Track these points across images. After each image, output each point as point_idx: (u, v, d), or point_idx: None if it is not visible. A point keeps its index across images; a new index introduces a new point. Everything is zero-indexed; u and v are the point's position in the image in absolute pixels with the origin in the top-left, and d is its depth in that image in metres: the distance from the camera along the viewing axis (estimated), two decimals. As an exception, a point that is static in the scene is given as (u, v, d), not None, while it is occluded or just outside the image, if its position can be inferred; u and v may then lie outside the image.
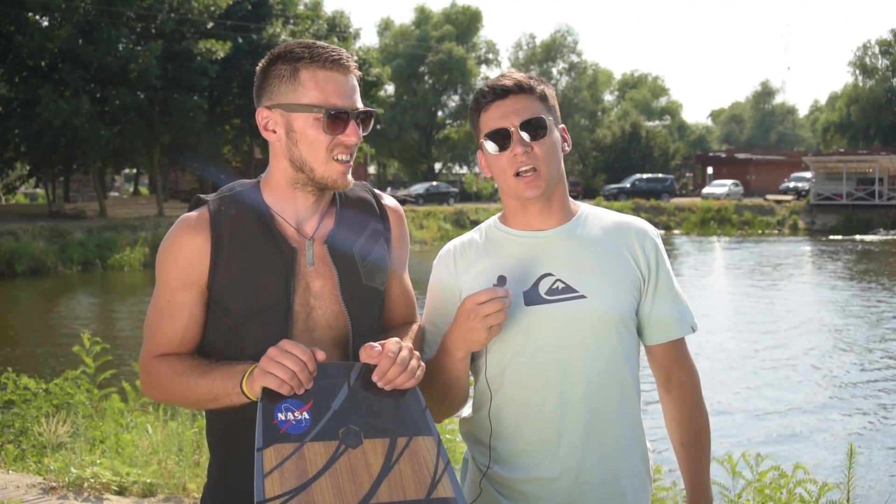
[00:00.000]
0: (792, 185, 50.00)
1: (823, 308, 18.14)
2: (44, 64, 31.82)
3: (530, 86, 1.93)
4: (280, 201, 1.88)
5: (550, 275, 1.93)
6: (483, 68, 62.65)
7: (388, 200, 2.02)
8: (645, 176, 51.26)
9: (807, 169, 48.93)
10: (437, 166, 63.62)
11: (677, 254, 31.30)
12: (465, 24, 61.62)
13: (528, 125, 1.90)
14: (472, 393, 2.02)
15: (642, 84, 79.02)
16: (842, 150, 55.97)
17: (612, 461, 1.94)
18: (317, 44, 1.82)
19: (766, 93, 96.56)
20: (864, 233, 39.28)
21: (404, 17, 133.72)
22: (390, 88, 56.46)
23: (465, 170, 64.49)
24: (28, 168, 37.09)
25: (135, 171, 50.12)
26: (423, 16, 61.50)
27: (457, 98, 60.56)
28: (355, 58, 1.89)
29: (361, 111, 1.84)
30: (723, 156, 64.11)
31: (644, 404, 2.07)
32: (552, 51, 67.91)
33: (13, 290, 22.66)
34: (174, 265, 1.83)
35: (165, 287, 1.85)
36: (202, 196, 1.90)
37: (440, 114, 61.35)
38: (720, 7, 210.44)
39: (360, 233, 1.92)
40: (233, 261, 1.82)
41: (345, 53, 1.82)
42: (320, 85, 1.79)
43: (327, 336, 1.85)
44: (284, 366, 1.64)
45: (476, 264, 1.99)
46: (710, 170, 60.48)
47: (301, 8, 42.66)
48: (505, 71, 2.11)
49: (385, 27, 63.14)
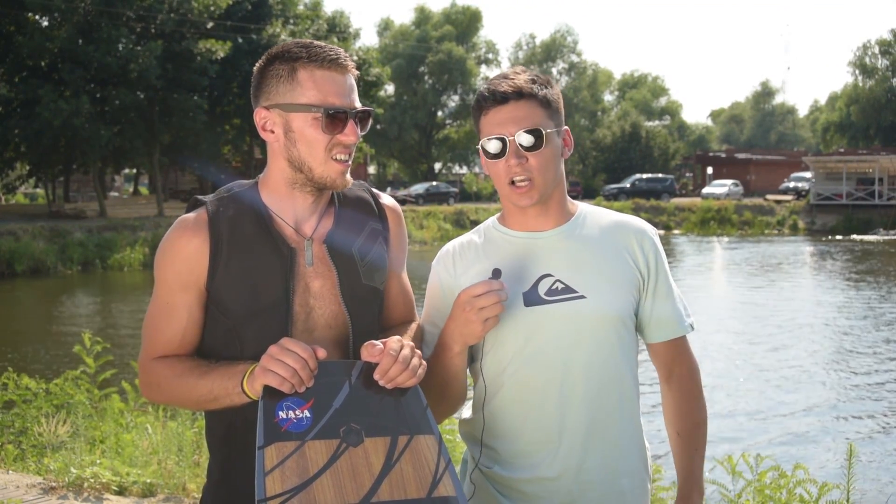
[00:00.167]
0: (792, 185, 50.01)
1: (823, 308, 18.12)
2: (44, 64, 31.82)
3: (531, 91, 1.90)
4: (278, 201, 1.87)
5: (550, 275, 1.93)
6: (483, 68, 62.64)
7: (386, 200, 2.02)
8: (645, 176, 51.24)
9: (807, 169, 48.92)
10: (437, 166, 63.60)
11: (677, 254, 31.28)
12: (465, 24, 61.59)
13: (525, 136, 1.89)
14: (471, 394, 2.03)
15: (642, 84, 78.95)
16: (842, 150, 55.95)
17: (611, 460, 1.95)
18: (314, 43, 1.82)
19: (766, 93, 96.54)
20: (864, 233, 39.23)
21: (404, 17, 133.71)
22: (390, 88, 56.41)
23: (465, 170, 64.51)
24: (28, 168, 37.06)
25: (135, 171, 50.10)
26: (422, 16, 61.46)
27: (457, 98, 60.57)
28: (355, 58, 1.89)
29: (360, 110, 1.83)
30: (723, 156, 64.10)
31: (644, 406, 2.07)
32: (552, 51, 67.87)
33: (13, 290, 22.64)
34: (173, 267, 1.83)
35: (164, 288, 1.85)
36: (200, 197, 1.90)
37: (440, 114, 61.33)
38: (720, 7, 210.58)
39: (359, 232, 1.92)
40: (232, 262, 1.81)
41: (342, 53, 1.82)
42: (318, 84, 1.79)
43: (327, 336, 1.84)
44: (285, 363, 1.64)
45: (475, 265, 1.99)
46: (710, 170, 60.47)
47: (301, 8, 42.67)
48: (511, 67, 2.08)
49: (385, 27, 63.13)
